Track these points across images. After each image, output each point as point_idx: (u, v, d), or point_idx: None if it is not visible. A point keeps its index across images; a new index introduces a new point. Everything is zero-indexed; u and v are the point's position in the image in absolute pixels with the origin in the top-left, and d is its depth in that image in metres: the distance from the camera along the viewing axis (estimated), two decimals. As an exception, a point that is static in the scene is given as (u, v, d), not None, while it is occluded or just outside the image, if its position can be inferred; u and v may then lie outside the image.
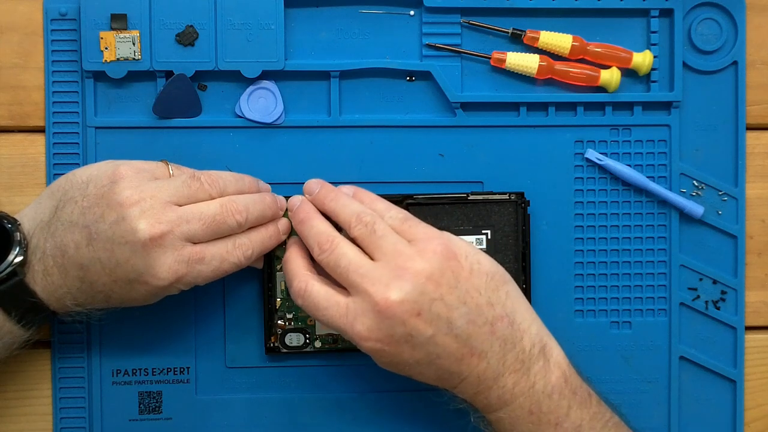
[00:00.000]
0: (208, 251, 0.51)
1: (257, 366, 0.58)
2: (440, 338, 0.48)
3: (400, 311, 0.47)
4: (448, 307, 0.48)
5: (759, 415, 0.61)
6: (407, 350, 0.48)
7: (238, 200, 0.52)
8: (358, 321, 0.48)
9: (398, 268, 0.48)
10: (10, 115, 0.58)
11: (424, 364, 0.49)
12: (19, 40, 0.58)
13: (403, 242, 0.49)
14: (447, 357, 0.49)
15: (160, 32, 0.56)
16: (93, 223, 0.49)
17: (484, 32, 0.59)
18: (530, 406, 0.49)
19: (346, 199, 0.52)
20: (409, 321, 0.48)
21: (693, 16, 0.60)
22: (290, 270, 0.52)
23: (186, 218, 0.50)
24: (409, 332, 0.48)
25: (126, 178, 0.50)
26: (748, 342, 0.61)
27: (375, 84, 0.59)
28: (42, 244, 0.50)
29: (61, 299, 0.51)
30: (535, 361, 0.50)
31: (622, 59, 0.59)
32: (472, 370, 0.49)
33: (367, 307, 0.48)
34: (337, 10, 0.58)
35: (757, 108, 0.61)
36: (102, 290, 0.50)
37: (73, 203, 0.50)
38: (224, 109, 0.58)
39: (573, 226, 0.60)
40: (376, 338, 0.48)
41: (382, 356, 0.49)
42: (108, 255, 0.49)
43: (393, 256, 0.49)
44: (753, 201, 0.61)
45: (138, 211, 0.49)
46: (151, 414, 0.58)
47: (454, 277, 0.49)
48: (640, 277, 0.60)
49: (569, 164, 0.60)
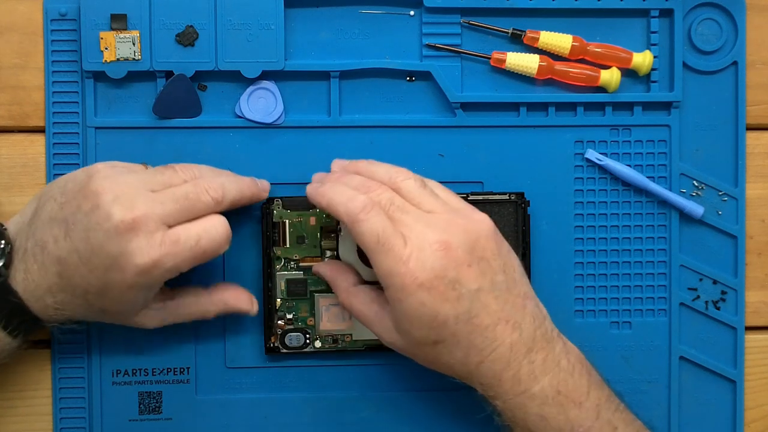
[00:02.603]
0: (183, 231, 0.50)
1: (257, 366, 0.58)
2: (483, 295, 0.48)
3: (454, 255, 0.48)
4: (492, 269, 0.49)
5: (759, 415, 0.61)
6: (450, 300, 0.48)
7: (212, 179, 0.52)
8: (413, 258, 0.47)
9: (452, 220, 0.49)
10: (10, 115, 0.58)
11: (461, 322, 0.48)
12: (19, 40, 0.58)
13: (449, 204, 0.51)
14: (484, 317, 0.48)
15: (160, 32, 0.56)
16: (70, 215, 0.49)
17: (484, 32, 0.59)
18: (557, 385, 0.49)
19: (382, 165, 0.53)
20: (460, 268, 0.48)
21: (693, 16, 0.60)
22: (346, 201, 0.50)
23: (159, 200, 0.50)
24: (456, 279, 0.48)
25: (101, 170, 0.50)
26: (748, 342, 0.61)
27: (375, 84, 0.59)
28: (23, 244, 0.51)
29: (42, 299, 0.50)
30: (556, 341, 0.51)
31: (622, 59, 0.59)
32: (505, 339, 0.49)
33: (423, 245, 0.48)
34: (337, 10, 0.58)
35: (757, 108, 0.61)
36: (80, 284, 0.50)
37: (53, 201, 0.51)
38: (224, 109, 0.58)
39: (573, 226, 0.60)
40: (425, 279, 0.47)
41: (423, 303, 0.48)
42: (84, 244, 0.49)
43: (445, 211, 0.50)
44: (753, 201, 0.61)
45: (111, 198, 0.49)
46: (151, 414, 0.58)
47: (497, 247, 0.50)
48: (640, 277, 0.60)
49: (569, 164, 0.60)
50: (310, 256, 0.57)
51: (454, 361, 0.50)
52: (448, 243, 0.48)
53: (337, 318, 0.57)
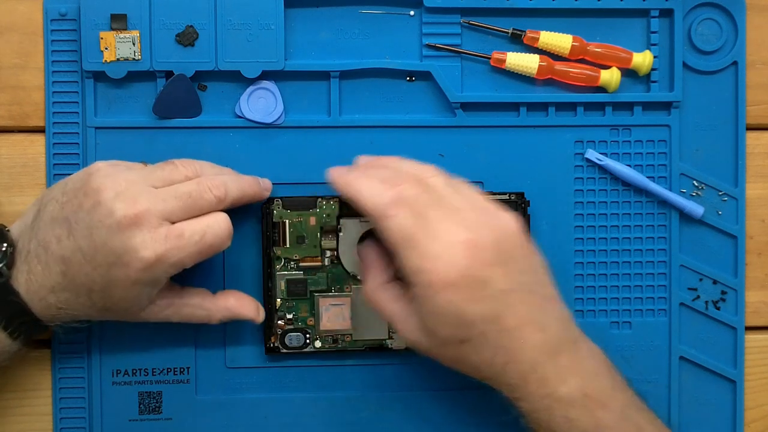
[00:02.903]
0: (187, 226, 0.50)
1: (257, 366, 0.58)
2: (510, 295, 0.48)
3: (483, 255, 0.47)
4: (519, 270, 0.49)
5: (759, 415, 0.61)
6: (478, 300, 0.47)
7: (215, 177, 0.52)
8: (442, 255, 0.47)
9: (479, 219, 0.49)
10: (10, 115, 0.58)
11: (488, 322, 0.48)
12: (19, 40, 0.58)
13: (476, 203, 0.50)
14: (511, 317, 0.48)
15: (160, 32, 0.56)
16: (72, 213, 0.49)
17: (484, 32, 0.59)
18: (584, 387, 0.49)
19: (409, 161, 0.53)
20: (488, 267, 0.48)
21: (693, 16, 0.60)
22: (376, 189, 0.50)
23: (162, 197, 0.50)
24: (484, 279, 0.47)
25: (101, 169, 0.50)
26: (748, 342, 0.61)
27: (375, 84, 0.59)
28: (26, 245, 0.51)
29: (45, 298, 0.50)
30: (581, 343, 0.50)
31: (622, 59, 0.59)
32: (531, 341, 0.48)
33: (449, 244, 0.47)
34: (337, 10, 0.58)
35: (757, 108, 0.61)
36: (84, 283, 0.50)
37: (54, 202, 0.51)
38: (224, 109, 0.58)
39: (573, 226, 0.60)
40: (452, 278, 0.47)
41: (450, 302, 0.47)
42: (87, 242, 0.49)
43: (472, 209, 0.49)
44: (753, 201, 0.61)
45: (113, 194, 0.49)
46: (151, 414, 0.58)
47: (524, 247, 0.50)
48: (640, 277, 0.60)
49: (569, 164, 0.60)
50: (310, 256, 0.57)
51: (481, 362, 0.49)
52: (476, 242, 0.48)
53: (337, 318, 0.57)
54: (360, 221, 0.57)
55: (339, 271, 0.57)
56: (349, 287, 0.58)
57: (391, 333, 0.58)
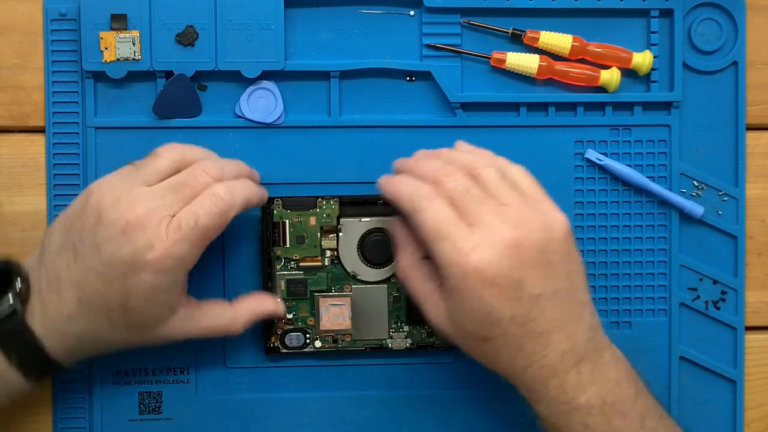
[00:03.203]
0: (182, 215, 0.49)
1: (257, 366, 0.58)
2: (543, 301, 0.47)
3: (522, 255, 0.47)
4: (557, 276, 0.48)
5: (759, 415, 0.61)
6: (510, 300, 0.47)
7: (207, 161, 0.51)
8: (477, 251, 0.46)
9: (527, 217, 0.48)
10: (10, 115, 0.58)
11: (516, 324, 0.47)
12: (19, 40, 0.58)
13: (529, 197, 0.49)
14: (540, 323, 0.47)
15: (160, 32, 0.56)
16: (77, 237, 0.49)
17: (484, 32, 0.59)
18: (604, 395, 0.48)
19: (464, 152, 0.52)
20: (526, 269, 0.47)
21: (693, 16, 0.60)
22: (412, 189, 0.50)
23: (159, 194, 0.49)
24: (521, 280, 0.47)
25: (94, 188, 0.50)
26: (748, 342, 0.61)
27: (375, 84, 0.59)
28: (37, 280, 0.50)
29: (62, 330, 0.50)
30: (605, 351, 0.50)
31: (622, 59, 0.59)
32: (557, 348, 0.48)
33: (492, 239, 0.47)
34: (337, 10, 0.58)
35: (757, 108, 0.61)
36: (101, 304, 0.49)
37: (56, 233, 0.50)
38: (224, 109, 0.58)
39: (573, 226, 0.59)
40: (489, 274, 0.46)
41: (482, 299, 0.47)
42: (97, 260, 0.48)
43: (522, 205, 0.48)
44: (753, 201, 0.61)
45: (111, 204, 0.48)
46: (151, 414, 0.58)
47: (567, 251, 0.49)
48: (640, 277, 0.60)
49: (569, 164, 0.60)
50: (310, 256, 0.57)
51: (500, 360, 0.49)
52: (519, 241, 0.47)
53: (337, 318, 0.57)
54: (360, 221, 0.57)
55: (339, 271, 0.57)
56: (349, 287, 0.58)
57: (391, 333, 0.58)
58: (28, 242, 0.58)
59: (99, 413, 0.57)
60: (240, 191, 0.51)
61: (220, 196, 0.50)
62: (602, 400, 0.48)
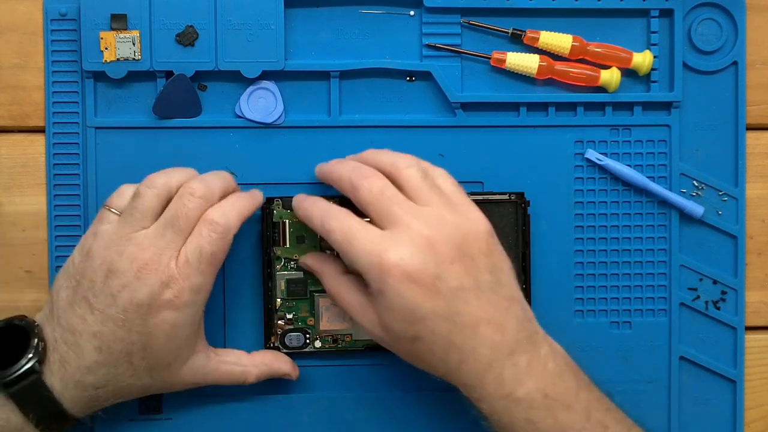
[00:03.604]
0: (185, 250, 0.50)
1: (257, 366, 0.58)
2: (465, 293, 0.48)
3: (437, 251, 0.47)
4: (478, 269, 0.48)
5: (759, 415, 0.61)
6: (431, 295, 0.47)
7: (192, 183, 0.51)
8: (391, 250, 0.47)
9: (443, 217, 0.48)
10: (10, 115, 0.58)
11: (440, 319, 0.47)
12: (19, 40, 0.58)
13: (448, 198, 0.50)
14: (465, 316, 0.48)
15: (160, 32, 0.56)
16: (88, 292, 0.50)
17: (484, 32, 0.59)
18: (544, 388, 0.48)
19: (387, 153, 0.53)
20: (442, 264, 0.47)
21: (693, 16, 0.60)
22: (322, 205, 0.51)
23: (159, 234, 0.50)
24: (439, 275, 0.47)
25: (92, 245, 0.50)
26: (748, 342, 0.61)
27: (375, 84, 0.59)
28: (52, 336, 0.50)
29: (81, 382, 0.50)
30: (541, 344, 0.50)
31: (622, 59, 0.59)
32: (486, 339, 0.48)
33: (405, 239, 0.47)
34: (337, 10, 0.58)
35: (757, 108, 0.61)
36: (122, 349, 0.50)
37: (64, 289, 0.51)
38: (224, 109, 0.58)
39: (573, 226, 0.60)
40: (404, 269, 0.47)
41: (402, 296, 0.47)
42: (114, 309, 0.49)
43: (440, 206, 0.49)
44: (753, 201, 0.61)
45: (117, 256, 0.49)
46: (151, 414, 0.58)
47: (488, 248, 0.49)
48: (640, 277, 0.60)
49: (569, 164, 0.60)
50: (310, 256, 0.57)
51: (434, 359, 0.49)
52: (432, 238, 0.48)
53: (337, 318, 0.57)
54: (360, 221, 0.57)
55: (339, 271, 0.57)
56: (349, 287, 0.58)
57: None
58: (28, 242, 0.58)
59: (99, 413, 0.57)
60: (232, 210, 0.52)
61: (215, 221, 0.50)
62: (543, 394, 0.48)
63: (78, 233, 0.57)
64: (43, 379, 0.49)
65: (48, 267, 0.58)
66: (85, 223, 0.57)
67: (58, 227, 0.57)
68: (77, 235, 0.57)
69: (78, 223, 0.57)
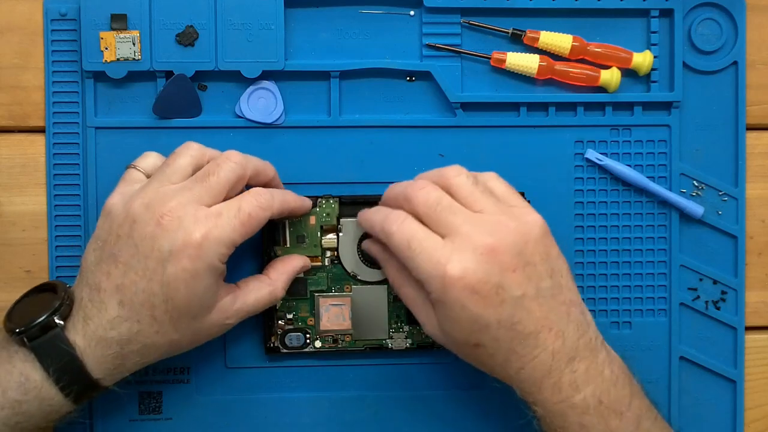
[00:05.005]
0: (224, 204, 0.50)
1: (257, 366, 0.58)
2: (527, 301, 0.48)
3: (499, 260, 0.47)
4: (538, 275, 0.48)
5: (759, 415, 0.61)
6: (493, 305, 0.47)
7: (230, 150, 0.52)
8: (454, 259, 0.47)
9: (502, 222, 0.48)
10: (10, 115, 0.58)
11: (503, 328, 0.47)
12: (19, 40, 0.58)
13: (502, 202, 0.50)
14: (527, 324, 0.48)
15: (160, 32, 0.56)
16: (114, 246, 0.50)
17: (484, 32, 0.59)
18: (600, 395, 0.48)
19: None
20: (505, 273, 0.47)
21: (693, 16, 0.60)
22: (383, 210, 0.51)
23: (187, 187, 0.50)
24: (501, 284, 0.47)
25: (116, 203, 0.51)
26: (748, 342, 0.61)
27: (375, 84, 0.59)
28: (78, 296, 0.51)
29: (104, 338, 0.49)
30: (599, 350, 0.50)
31: (622, 59, 0.59)
32: (547, 347, 0.48)
33: (467, 247, 0.47)
34: (337, 10, 0.58)
35: (757, 108, 0.61)
36: (144, 302, 0.49)
37: (91, 252, 0.51)
38: (224, 109, 0.58)
39: (573, 226, 0.60)
40: (468, 282, 0.47)
41: (465, 307, 0.47)
42: (136, 258, 0.49)
43: (496, 211, 0.49)
44: (753, 201, 0.61)
45: (143, 207, 0.49)
46: (151, 414, 0.58)
47: (546, 250, 0.49)
48: (640, 277, 0.60)
49: (569, 164, 0.60)
50: (310, 256, 0.57)
51: (494, 365, 0.50)
52: (494, 247, 0.47)
53: (337, 318, 0.57)
54: (360, 221, 0.57)
55: (339, 271, 0.57)
56: (349, 287, 0.58)
57: (391, 333, 0.58)
58: (28, 242, 0.58)
59: (99, 413, 0.57)
60: (280, 194, 0.53)
61: (261, 192, 0.51)
62: (598, 400, 0.48)
63: (78, 233, 0.57)
64: (65, 334, 0.49)
65: (48, 267, 0.58)
66: (85, 223, 0.57)
67: (58, 227, 0.57)
68: (77, 235, 0.57)
69: (78, 223, 0.57)
